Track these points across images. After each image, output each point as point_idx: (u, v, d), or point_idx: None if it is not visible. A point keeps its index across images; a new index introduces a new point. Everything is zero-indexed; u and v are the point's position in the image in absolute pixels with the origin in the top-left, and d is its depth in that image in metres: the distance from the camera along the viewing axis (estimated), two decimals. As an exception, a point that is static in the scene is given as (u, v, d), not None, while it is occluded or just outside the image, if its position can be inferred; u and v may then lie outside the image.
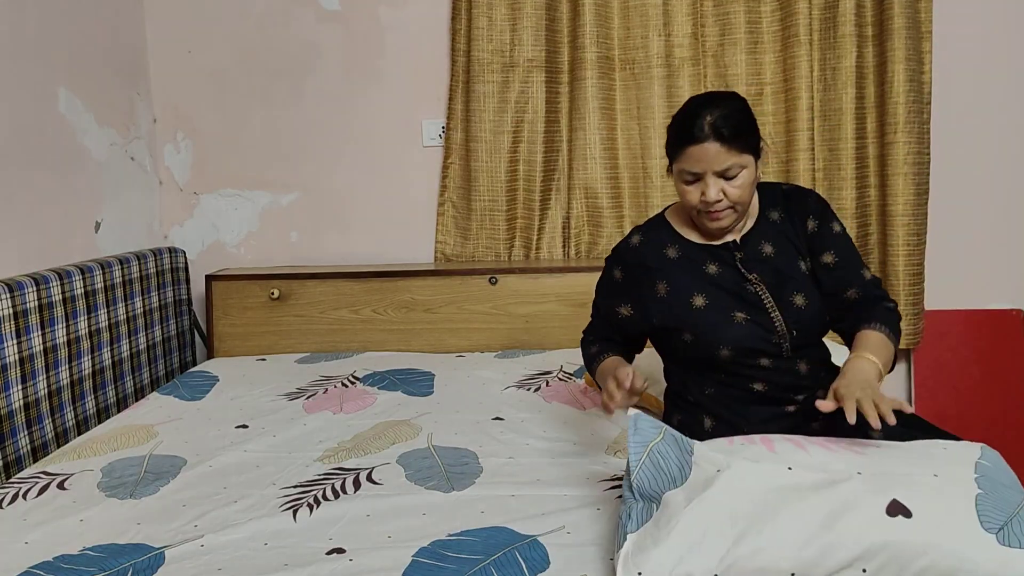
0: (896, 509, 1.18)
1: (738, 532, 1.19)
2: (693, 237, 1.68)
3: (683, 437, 1.35)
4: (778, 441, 1.36)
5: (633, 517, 1.27)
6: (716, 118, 1.51)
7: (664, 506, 1.25)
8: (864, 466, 1.27)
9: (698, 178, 1.55)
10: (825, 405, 1.38)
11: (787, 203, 1.69)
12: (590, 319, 1.85)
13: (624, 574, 1.19)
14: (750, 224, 1.67)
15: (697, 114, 1.53)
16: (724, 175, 1.53)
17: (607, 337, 1.79)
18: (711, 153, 1.51)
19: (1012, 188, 2.91)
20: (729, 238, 1.66)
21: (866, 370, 1.44)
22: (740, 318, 1.59)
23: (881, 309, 1.59)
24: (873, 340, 1.52)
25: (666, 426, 1.37)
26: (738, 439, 1.39)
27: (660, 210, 1.79)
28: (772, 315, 1.59)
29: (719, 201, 1.55)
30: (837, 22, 2.75)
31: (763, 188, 1.70)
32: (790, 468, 1.27)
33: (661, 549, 1.19)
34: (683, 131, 1.54)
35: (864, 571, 1.14)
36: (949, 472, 1.26)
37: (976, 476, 1.25)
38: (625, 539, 1.24)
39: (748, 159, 1.55)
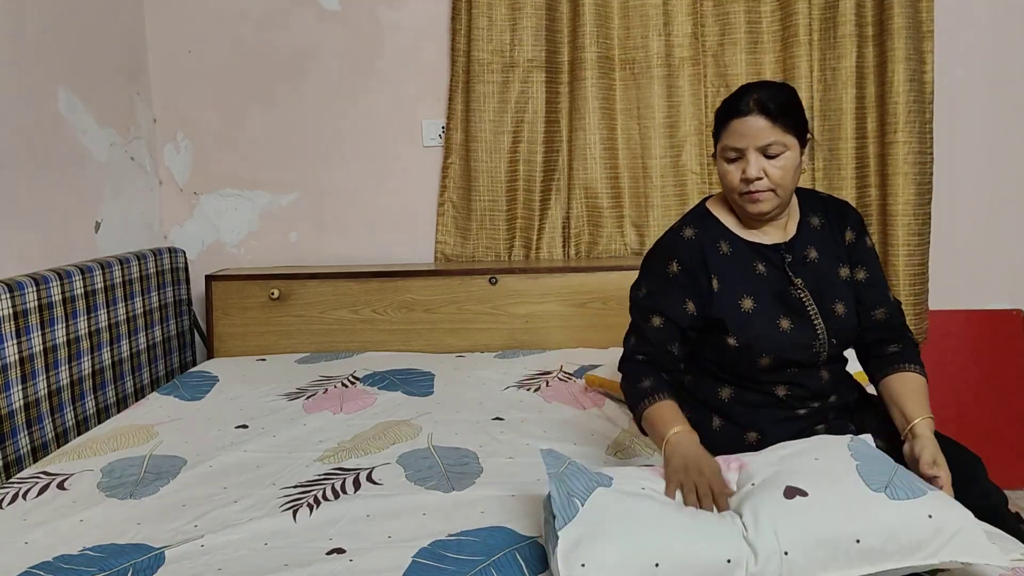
0: (792, 492, 1.26)
1: (669, 524, 1.23)
2: (741, 233, 1.65)
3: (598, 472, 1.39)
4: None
5: (559, 515, 1.25)
6: (762, 95, 1.52)
7: (590, 505, 1.26)
8: (758, 472, 1.36)
9: (740, 155, 1.53)
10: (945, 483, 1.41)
11: (827, 210, 1.69)
12: (632, 338, 1.63)
13: (566, 569, 1.17)
14: (793, 227, 1.65)
15: (745, 92, 1.54)
16: (766, 152, 1.52)
17: (659, 355, 1.59)
18: (755, 127, 1.50)
19: (1013, 188, 2.91)
20: (778, 239, 1.64)
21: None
22: (785, 327, 1.57)
23: (912, 346, 1.64)
24: (921, 389, 1.56)
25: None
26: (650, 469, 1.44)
27: (700, 201, 1.73)
28: (815, 323, 1.58)
29: (759, 179, 1.52)
30: (837, 22, 2.75)
31: (803, 194, 1.70)
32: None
33: (599, 540, 1.19)
34: (729, 107, 1.55)
35: (786, 553, 1.19)
36: (826, 453, 1.36)
37: (850, 453, 1.36)
38: (558, 537, 1.22)
39: (792, 141, 1.53)
